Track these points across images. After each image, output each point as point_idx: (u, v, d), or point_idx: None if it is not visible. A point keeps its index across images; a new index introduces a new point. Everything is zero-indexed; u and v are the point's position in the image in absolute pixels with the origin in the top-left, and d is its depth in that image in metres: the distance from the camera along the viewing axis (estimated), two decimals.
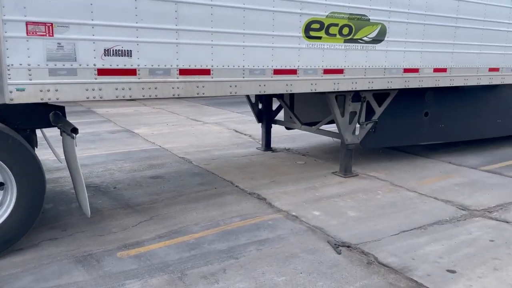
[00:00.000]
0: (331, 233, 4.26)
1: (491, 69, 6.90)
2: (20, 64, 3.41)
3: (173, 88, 4.16)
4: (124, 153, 7.54)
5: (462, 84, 6.63)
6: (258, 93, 4.77)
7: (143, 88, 4.03)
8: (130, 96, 4.01)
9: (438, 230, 4.35)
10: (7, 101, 3.41)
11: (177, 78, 4.16)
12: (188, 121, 11.20)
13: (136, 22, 3.89)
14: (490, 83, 7.04)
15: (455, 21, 6.19)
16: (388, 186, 5.80)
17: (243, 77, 4.56)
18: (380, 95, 6.22)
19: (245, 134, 9.39)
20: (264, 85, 4.75)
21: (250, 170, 6.46)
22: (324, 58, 5.17)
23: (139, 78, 3.99)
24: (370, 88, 5.74)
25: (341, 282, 3.35)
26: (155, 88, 4.07)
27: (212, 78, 4.35)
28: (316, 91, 5.26)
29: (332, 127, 6.60)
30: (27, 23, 3.37)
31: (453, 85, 6.53)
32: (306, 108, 7.37)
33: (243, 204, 5.03)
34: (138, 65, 3.98)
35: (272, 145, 7.94)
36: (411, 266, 3.60)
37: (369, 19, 5.38)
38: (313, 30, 4.98)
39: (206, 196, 5.27)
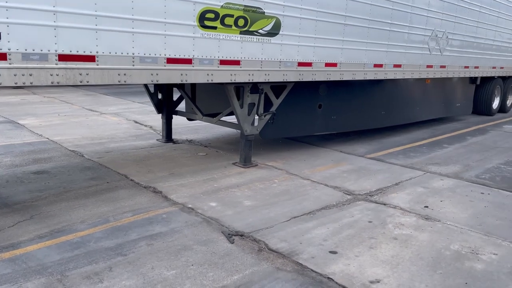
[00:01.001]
0: (226, 223, 4.30)
1: (376, 65, 7.53)
2: None
3: (51, 75, 3.80)
4: (4, 146, 6.77)
5: (351, 79, 7.14)
6: (151, 82, 4.59)
7: (15, 75, 3.62)
8: (0, 84, 3.58)
9: (325, 215, 4.64)
10: None
11: (56, 64, 3.81)
12: (83, 111, 10.44)
13: (6, 2, 3.46)
14: (375, 78, 7.68)
15: (344, 18, 6.62)
16: (284, 174, 6.04)
17: (133, 65, 4.34)
18: (277, 87, 6.42)
19: (145, 125, 9.05)
20: (157, 74, 4.59)
21: (148, 163, 6.24)
22: (220, 48, 5.16)
23: (10, 64, 3.58)
24: (267, 80, 5.89)
25: (231, 271, 3.40)
26: (30, 75, 3.69)
27: (97, 65, 4.07)
28: (213, 81, 5.24)
29: (233, 119, 6.65)
30: None
31: (343, 79, 6.99)
32: (208, 99, 7.33)
33: (137, 198, 4.84)
34: (9, 49, 3.56)
35: (174, 137, 7.77)
36: (298, 250, 3.79)
37: (264, 12, 5.49)
38: (208, 19, 4.93)
39: (96, 192, 4.96)
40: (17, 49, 3.60)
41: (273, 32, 5.70)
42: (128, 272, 3.30)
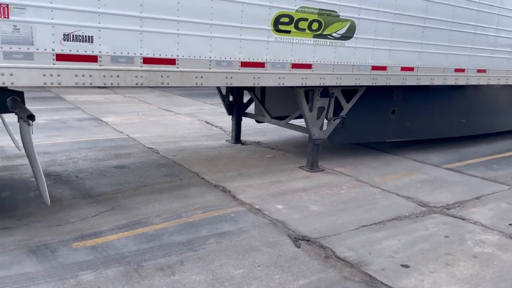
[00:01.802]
0: (292, 226, 4.30)
1: (457, 70, 7.08)
2: None
3: (136, 76, 4.07)
4: (90, 141, 7.36)
5: (429, 84, 6.78)
6: (225, 85, 4.73)
7: (104, 76, 3.93)
8: (91, 84, 3.91)
9: (396, 226, 4.45)
10: None
11: (141, 66, 4.07)
12: (159, 111, 11.04)
13: (99, 8, 3.78)
14: (456, 84, 7.22)
15: (424, 21, 6.30)
16: (352, 181, 5.89)
17: (210, 69, 4.51)
18: (348, 91, 6.29)
19: (216, 126, 9.33)
20: (231, 77, 4.72)
21: (218, 163, 6.43)
22: (293, 52, 5.17)
23: (100, 65, 3.89)
24: (338, 84, 5.79)
25: (297, 276, 3.38)
26: (117, 76, 3.98)
27: (177, 68, 4.29)
28: (284, 85, 5.27)
29: (302, 122, 6.63)
30: None
31: (420, 84, 6.66)
32: (277, 102, 7.39)
33: (207, 196, 5.01)
34: (100, 52, 3.87)
35: (242, 138, 7.93)
36: (367, 261, 3.67)
37: (339, 15, 5.41)
38: (282, 24, 4.97)
39: (170, 188, 5.22)
40: (107, 52, 3.90)
41: (347, 35, 5.59)
42: (198, 267, 3.42)
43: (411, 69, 6.42)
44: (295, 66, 5.23)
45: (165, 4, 4.07)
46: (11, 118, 4.98)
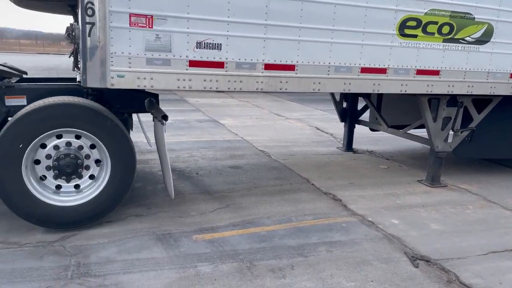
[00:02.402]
0: (410, 244, 4.02)
1: None
2: (122, 53, 3.72)
3: (257, 82, 4.23)
4: (208, 141, 7.88)
5: None
6: (343, 91, 4.64)
7: (229, 81, 4.15)
8: (217, 88, 4.17)
9: None
10: (109, 86, 3.75)
11: (262, 72, 4.22)
12: (271, 115, 11.33)
13: (228, 17, 4.01)
14: None
15: None
16: (480, 201, 5.30)
17: (328, 74, 4.47)
18: (480, 101, 5.68)
19: (326, 133, 9.23)
20: (350, 84, 4.61)
21: (328, 170, 6.34)
22: (418, 58, 4.85)
23: (226, 71, 4.13)
24: (469, 93, 5.27)
25: None
26: (240, 81, 4.18)
27: (296, 74, 4.34)
28: (407, 92, 4.97)
29: (422, 132, 6.19)
30: (130, 15, 3.66)
31: None
32: (394, 110, 7.01)
33: (317, 203, 4.96)
34: (226, 58, 4.11)
35: (354, 146, 7.71)
36: None
37: (474, 17, 4.92)
38: (409, 27, 4.70)
39: (281, 191, 5.30)
40: (233, 59, 4.12)
41: (483, 39, 5.05)
42: (308, 274, 3.40)
43: None
44: (420, 72, 4.90)
45: (289, 12, 4.15)
46: (144, 117, 5.58)
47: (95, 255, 3.53)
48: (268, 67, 4.23)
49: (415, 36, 4.75)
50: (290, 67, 4.31)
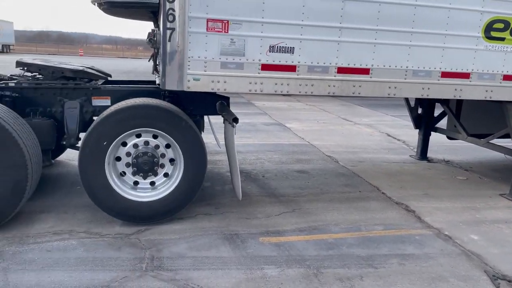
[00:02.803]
0: (490, 262, 3.71)
1: None
2: (198, 57, 3.86)
3: (329, 86, 4.16)
4: (275, 145, 7.91)
5: None
6: (420, 96, 4.41)
7: (300, 85, 4.14)
8: (287, 92, 4.17)
9: None
10: (185, 89, 3.91)
11: (335, 76, 4.14)
12: (339, 120, 11.11)
13: (302, 20, 3.99)
14: None
15: None
16: None
17: (405, 79, 4.27)
18: None
19: (398, 139, 8.85)
20: (428, 89, 4.37)
21: (400, 178, 6.06)
22: (506, 62, 4.48)
23: (297, 75, 4.11)
24: None
25: None
26: (312, 85, 4.14)
27: (370, 78, 4.21)
28: (492, 99, 4.61)
29: (507, 142, 5.70)
30: (207, 20, 3.79)
31: None
32: (475, 118, 6.53)
33: (389, 213, 4.76)
34: (299, 62, 4.09)
35: (428, 155, 7.29)
36: None
37: None
38: (495, 30, 4.35)
39: (349, 198, 5.16)
40: (305, 62, 4.10)
41: None
42: (379, 286, 3.26)
43: None
44: (507, 77, 4.52)
45: (365, 14, 4.04)
46: (213, 119, 5.73)
47: (167, 250, 3.69)
48: (341, 70, 4.15)
49: (502, 39, 4.39)
50: (364, 71, 4.19)
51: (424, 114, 6.98)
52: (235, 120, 4.21)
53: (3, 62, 21.47)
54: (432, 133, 7.08)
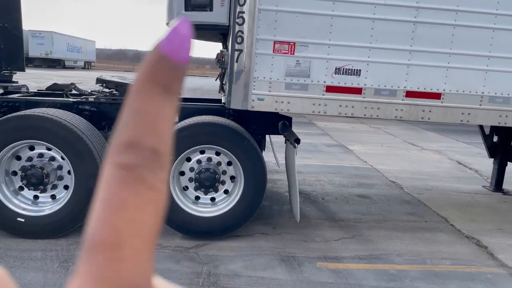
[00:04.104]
0: None
1: None
2: (264, 77, 3.93)
3: (396, 110, 4.03)
4: (336, 167, 7.75)
5: None
6: (497, 124, 4.12)
7: (365, 107, 4.05)
8: (352, 114, 4.09)
9: None
10: (249, 108, 3.98)
11: (403, 100, 4.00)
12: (405, 144, 10.65)
13: (370, 43, 3.93)
14: None
15: None
16: None
17: (480, 105, 4.02)
18: None
19: (469, 168, 8.27)
20: (506, 116, 4.07)
21: (471, 210, 5.64)
22: None
23: (363, 97, 4.03)
24: None
25: None
26: (378, 108, 4.03)
27: (441, 102, 4.01)
28: None
29: None
30: (274, 42, 3.86)
31: None
32: None
33: (457, 247, 4.43)
34: (365, 84, 4.02)
35: (504, 186, 6.72)
36: None
37: None
38: None
39: (414, 228, 4.89)
40: (371, 85, 4.01)
41: None
42: None
43: None
44: None
45: (438, 37, 3.88)
46: (274, 138, 5.76)
47: (224, 266, 3.72)
48: (409, 94, 4.00)
49: None
50: (436, 95, 4.00)
51: (500, 142, 6.48)
52: (297, 140, 4.20)
53: (84, 78, 23.41)
54: (508, 163, 6.54)
